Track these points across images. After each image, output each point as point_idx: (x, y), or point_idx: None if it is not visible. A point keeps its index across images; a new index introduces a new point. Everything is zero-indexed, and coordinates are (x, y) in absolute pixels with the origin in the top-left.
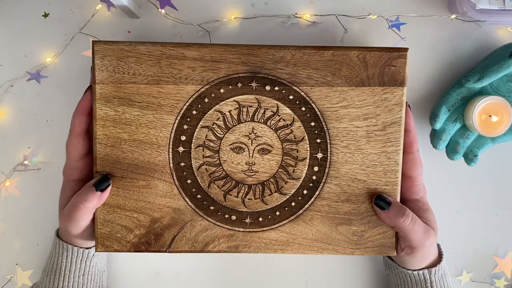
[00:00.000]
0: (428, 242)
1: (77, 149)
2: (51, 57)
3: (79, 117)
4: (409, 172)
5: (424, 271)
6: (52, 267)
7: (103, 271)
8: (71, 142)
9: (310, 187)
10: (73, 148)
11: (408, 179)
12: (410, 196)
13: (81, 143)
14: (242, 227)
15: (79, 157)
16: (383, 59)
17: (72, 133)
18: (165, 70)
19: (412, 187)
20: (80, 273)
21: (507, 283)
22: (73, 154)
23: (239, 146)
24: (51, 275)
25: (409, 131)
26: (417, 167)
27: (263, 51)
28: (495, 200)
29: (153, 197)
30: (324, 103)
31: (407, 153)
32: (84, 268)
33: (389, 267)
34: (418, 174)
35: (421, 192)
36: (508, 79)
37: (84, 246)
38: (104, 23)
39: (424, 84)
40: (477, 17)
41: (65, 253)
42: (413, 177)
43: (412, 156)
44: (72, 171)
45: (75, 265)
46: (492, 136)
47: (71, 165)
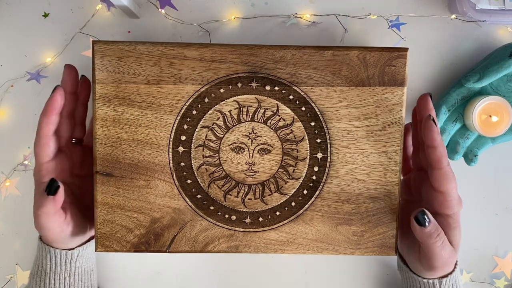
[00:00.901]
0: (450, 263)
1: (45, 150)
2: (51, 57)
3: (47, 118)
4: (441, 187)
5: (434, 281)
6: (37, 270)
7: (91, 270)
8: (39, 143)
9: (310, 187)
10: (41, 149)
11: (440, 195)
12: (443, 211)
13: (48, 144)
14: (242, 227)
15: (48, 158)
16: (383, 59)
17: (39, 134)
18: (165, 70)
19: (445, 202)
20: (66, 274)
21: (507, 283)
22: (42, 156)
23: (239, 146)
24: (37, 278)
25: (436, 147)
26: (449, 181)
27: (263, 51)
28: (495, 200)
29: (153, 197)
30: (324, 103)
31: (437, 169)
32: (70, 269)
33: (400, 269)
34: (452, 188)
35: (455, 208)
36: (508, 79)
37: (66, 248)
38: (104, 23)
39: (424, 84)
40: (477, 17)
41: (48, 256)
42: (445, 192)
43: (443, 171)
44: (41, 173)
45: (59, 267)
46: (492, 136)
47: (39, 167)
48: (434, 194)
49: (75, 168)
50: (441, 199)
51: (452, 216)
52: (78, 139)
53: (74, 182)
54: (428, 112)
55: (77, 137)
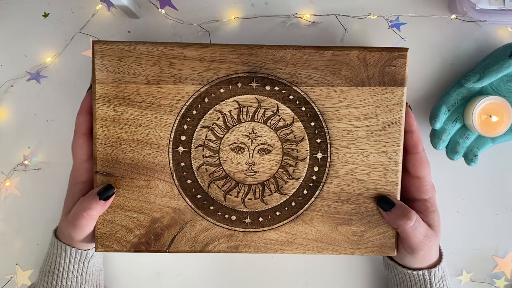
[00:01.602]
0: (429, 245)
1: (83, 149)
2: (51, 57)
3: (83, 116)
4: (417, 172)
5: (424, 272)
6: (50, 267)
7: (100, 270)
8: (77, 142)
9: (310, 187)
10: (79, 148)
11: (416, 180)
12: (419, 195)
13: (87, 143)
14: (242, 227)
15: (86, 157)
16: (383, 59)
17: (77, 133)
18: (165, 70)
19: (421, 186)
20: (78, 273)
21: (507, 283)
22: (80, 154)
23: (239, 146)
24: (49, 275)
25: (412, 132)
26: (425, 166)
27: (263, 51)
28: (495, 200)
29: (153, 197)
30: (324, 103)
31: (413, 153)
32: (83, 269)
33: (388, 267)
34: (427, 174)
35: (431, 192)
36: (508, 79)
37: (83, 248)
38: (104, 23)
39: (424, 84)
40: (477, 17)
41: (63, 254)
42: (421, 177)
43: (419, 156)
44: (80, 173)
45: (73, 265)
46: (492, 136)
47: (78, 167)
48: (411, 180)
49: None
50: (417, 184)
51: (428, 200)
52: None
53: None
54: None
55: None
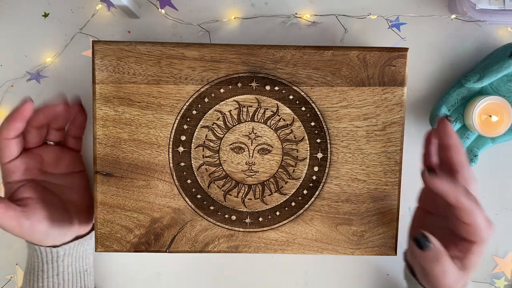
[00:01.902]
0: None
1: (5, 152)
2: (51, 57)
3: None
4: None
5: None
6: (28, 267)
7: (85, 271)
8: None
9: (310, 187)
10: (1, 151)
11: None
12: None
13: (8, 147)
14: (242, 227)
15: (8, 160)
16: (383, 59)
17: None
18: (165, 70)
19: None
20: (53, 273)
21: (507, 283)
22: (2, 157)
23: (239, 146)
24: (28, 275)
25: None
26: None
27: (263, 51)
28: (495, 200)
29: (153, 197)
30: (324, 103)
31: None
32: (58, 268)
33: (409, 279)
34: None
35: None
36: (508, 79)
37: (50, 244)
38: (104, 23)
39: (424, 84)
40: (477, 17)
41: (34, 253)
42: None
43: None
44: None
45: (46, 265)
46: (492, 136)
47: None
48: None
49: (47, 167)
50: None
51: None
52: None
53: (47, 180)
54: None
55: (54, 140)
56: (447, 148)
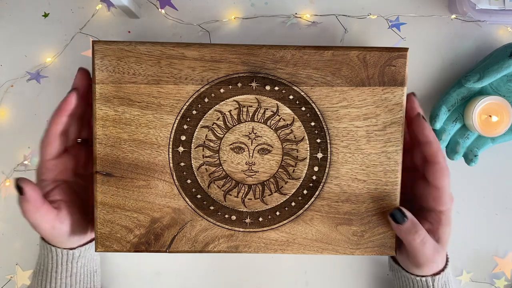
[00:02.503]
0: (435, 261)
1: (49, 149)
2: (51, 57)
3: (57, 118)
4: (437, 182)
5: (427, 278)
6: (39, 268)
7: (94, 271)
8: (44, 141)
9: (310, 187)
10: (45, 147)
11: (435, 190)
12: (436, 206)
13: (53, 143)
14: (242, 227)
15: (51, 157)
16: (383, 59)
17: (47, 132)
18: (165, 70)
19: (440, 197)
20: (67, 274)
21: (507, 283)
22: (45, 153)
23: (239, 146)
24: (39, 276)
25: (431, 142)
26: (445, 176)
27: (263, 51)
28: (495, 200)
29: (153, 197)
30: (324, 103)
31: (434, 163)
32: (71, 269)
33: (392, 269)
34: (446, 184)
35: (448, 203)
36: (508, 79)
37: (67, 247)
38: (104, 23)
39: (424, 84)
40: (477, 17)
41: (50, 254)
42: (440, 187)
43: (439, 166)
44: (42, 171)
45: (61, 266)
46: (492, 136)
47: (41, 165)
48: (429, 189)
49: (79, 168)
50: (436, 194)
51: (444, 213)
52: (83, 140)
53: (77, 182)
54: (416, 111)
55: (84, 137)
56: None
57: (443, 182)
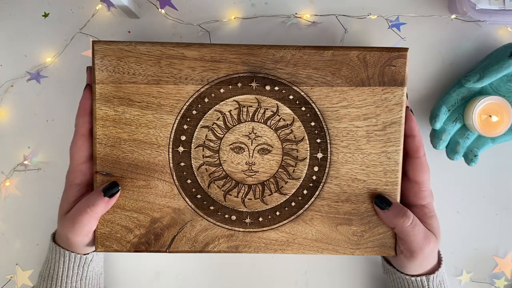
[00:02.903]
0: (428, 247)
1: (81, 151)
2: (51, 57)
3: (82, 117)
4: (416, 177)
5: (422, 278)
6: (48, 272)
7: (100, 273)
8: (75, 144)
9: (310, 187)
10: (77, 149)
11: (415, 185)
12: (417, 201)
13: (85, 145)
14: (242, 227)
15: (83, 160)
16: (383, 59)
17: (76, 134)
18: (165, 70)
19: (419, 192)
20: (77, 278)
21: (507, 283)
22: (77, 155)
23: (239, 146)
24: (48, 280)
25: (414, 136)
26: (425, 172)
27: (263, 51)
28: (495, 200)
29: (153, 197)
30: (324, 103)
31: (414, 158)
32: (82, 273)
33: (387, 271)
34: (426, 179)
35: (428, 198)
36: (508, 79)
37: (82, 252)
38: (104, 23)
39: (424, 84)
40: (477, 17)
41: (62, 259)
42: (420, 182)
43: (419, 161)
44: (75, 174)
45: (72, 270)
46: (492, 136)
47: (74, 168)
48: (409, 184)
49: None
50: (416, 189)
51: (426, 206)
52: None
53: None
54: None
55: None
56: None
57: (422, 177)
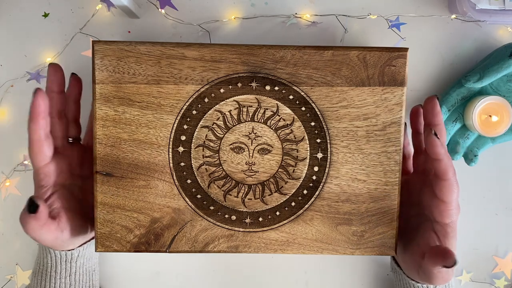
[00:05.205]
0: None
1: (39, 156)
2: (51, 57)
3: (34, 123)
4: (445, 198)
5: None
6: (39, 268)
7: (93, 270)
8: (32, 150)
9: (310, 187)
10: (34, 155)
11: (442, 203)
12: (441, 219)
13: (42, 149)
14: (242, 227)
15: (44, 163)
16: (383, 59)
17: (31, 140)
18: (165, 70)
19: (445, 211)
20: (66, 273)
21: (507, 283)
22: (37, 160)
23: (239, 146)
24: (38, 276)
25: (440, 160)
26: (453, 192)
27: (263, 51)
28: (495, 200)
29: (153, 197)
30: (324, 103)
31: (443, 180)
32: (70, 269)
33: (394, 271)
34: (454, 199)
35: (454, 216)
36: (508, 79)
37: (66, 249)
38: (104, 23)
39: (424, 84)
40: (477, 17)
41: (48, 255)
42: (447, 202)
43: (448, 183)
44: (39, 177)
45: (60, 266)
46: (492, 136)
47: (37, 171)
48: (436, 202)
49: (74, 169)
50: (442, 208)
51: (450, 225)
52: (74, 138)
53: (74, 183)
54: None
55: (73, 136)
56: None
57: (451, 197)
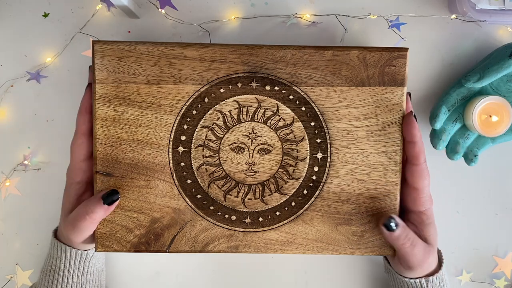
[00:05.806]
0: (427, 263)
1: (81, 149)
2: (51, 57)
3: (83, 116)
4: (416, 184)
5: (421, 280)
6: (50, 268)
7: (102, 270)
8: (75, 142)
9: (310, 187)
10: (77, 148)
11: (414, 191)
12: (415, 207)
13: (85, 143)
14: (242, 227)
15: (83, 158)
16: (383, 59)
17: (77, 132)
18: (165, 70)
19: (418, 198)
20: (79, 273)
21: (507, 283)
22: (77, 154)
23: (239, 146)
24: (50, 276)
25: (415, 143)
26: (424, 178)
27: (263, 51)
28: (495, 200)
29: (153, 197)
30: (324, 103)
31: (414, 164)
32: (83, 269)
33: (388, 271)
34: (425, 186)
35: (427, 204)
36: (508, 79)
37: (83, 249)
38: (104, 23)
39: (424, 84)
40: (477, 17)
41: (63, 254)
42: (419, 188)
43: (419, 168)
44: (75, 172)
45: (73, 266)
46: (492, 136)
47: (74, 166)
48: (408, 190)
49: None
50: (414, 195)
51: (424, 213)
52: None
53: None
54: (409, 109)
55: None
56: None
57: (422, 183)
